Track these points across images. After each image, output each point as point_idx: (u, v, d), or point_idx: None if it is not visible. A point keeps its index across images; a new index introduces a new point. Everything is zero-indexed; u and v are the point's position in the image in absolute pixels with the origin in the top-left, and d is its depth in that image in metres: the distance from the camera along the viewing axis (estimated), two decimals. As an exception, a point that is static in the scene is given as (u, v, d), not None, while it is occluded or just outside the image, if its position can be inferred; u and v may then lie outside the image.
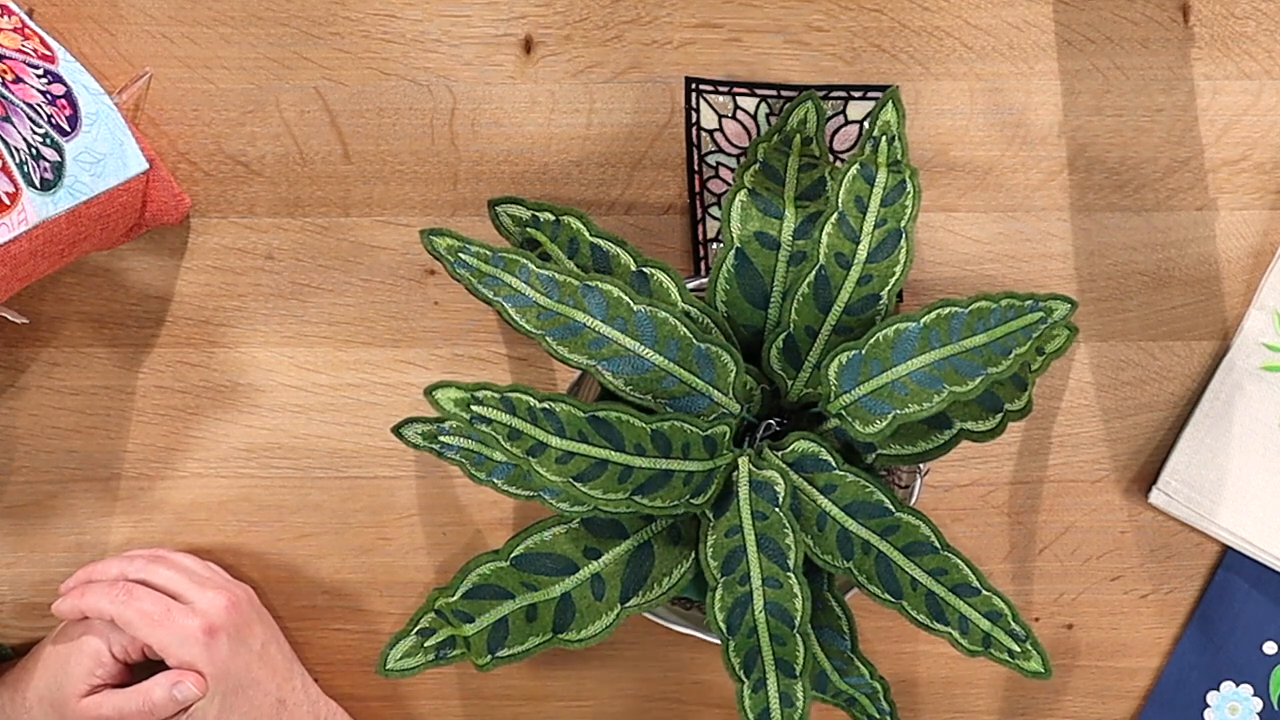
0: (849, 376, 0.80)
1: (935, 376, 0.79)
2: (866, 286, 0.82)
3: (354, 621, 0.95)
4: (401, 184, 0.92)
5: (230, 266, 0.92)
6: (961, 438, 0.82)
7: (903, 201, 0.83)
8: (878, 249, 0.82)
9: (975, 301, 0.80)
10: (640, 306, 0.80)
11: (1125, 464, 0.94)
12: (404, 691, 0.96)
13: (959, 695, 0.96)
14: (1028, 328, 0.79)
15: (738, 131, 0.90)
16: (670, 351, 0.80)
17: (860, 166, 0.83)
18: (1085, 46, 0.91)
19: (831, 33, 0.90)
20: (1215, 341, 0.93)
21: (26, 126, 0.79)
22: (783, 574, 0.80)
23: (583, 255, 0.83)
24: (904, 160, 0.83)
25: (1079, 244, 0.92)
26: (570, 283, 0.80)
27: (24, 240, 0.78)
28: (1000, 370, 0.78)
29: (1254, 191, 0.92)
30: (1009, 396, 0.83)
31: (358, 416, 0.93)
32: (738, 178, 0.84)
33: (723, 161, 0.90)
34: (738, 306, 0.83)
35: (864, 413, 0.80)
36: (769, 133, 0.84)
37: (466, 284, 0.80)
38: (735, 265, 0.83)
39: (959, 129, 0.91)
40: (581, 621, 0.82)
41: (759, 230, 0.83)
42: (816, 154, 0.84)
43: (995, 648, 0.81)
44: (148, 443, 0.93)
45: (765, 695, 0.80)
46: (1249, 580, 0.94)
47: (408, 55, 0.90)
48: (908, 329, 0.80)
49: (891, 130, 0.83)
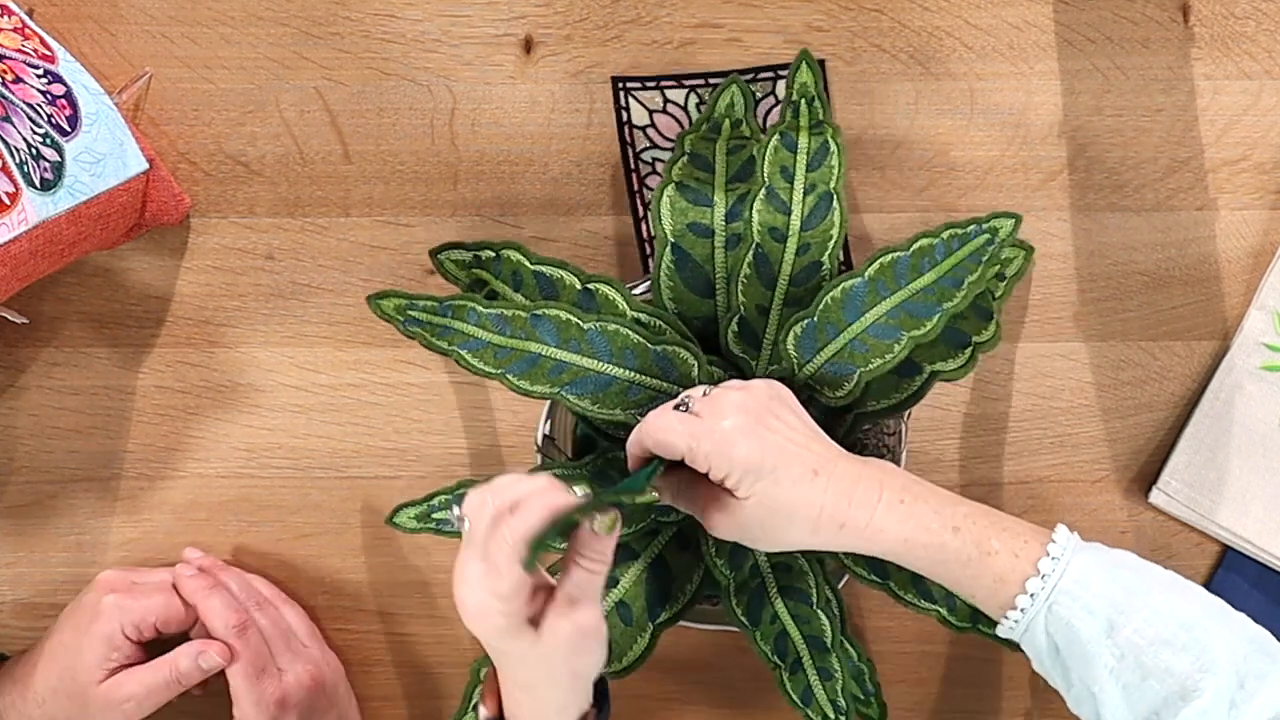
0: (807, 346, 0.79)
1: (891, 326, 0.78)
2: (806, 255, 0.81)
3: (354, 621, 0.95)
4: (401, 184, 0.92)
5: (230, 266, 0.92)
6: (934, 380, 0.81)
7: (828, 163, 0.82)
8: (810, 216, 0.81)
9: (915, 241, 0.79)
10: (590, 324, 0.79)
11: (1125, 464, 0.94)
12: (404, 691, 0.96)
13: (959, 696, 0.96)
14: (975, 253, 0.78)
15: (669, 124, 0.88)
16: (628, 361, 0.79)
17: (780, 135, 0.82)
18: (1085, 46, 0.91)
19: (831, 33, 0.90)
20: (1215, 341, 0.93)
21: (26, 126, 0.79)
22: (788, 556, 0.80)
23: (528, 285, 0.83)
24: (826, 119, 0.82)
25: (1079, 244, 0.92)
26: (519, 315, 0.79)
27: (24, 240, 0.78)
28: (956, 303, 0.77)
29: (1254, 191, 0.92)
30: (975, 329, 0.81)
31: (358, 416, 0.93)
32: (665, 173, 0.83)
33: (658, 156, 0.89)
34: (685, 300, 0.83)
35: (830, 378, 0.79)
36: (697, 123, 0.84)
37: (421, 340, 0.80)
38: (674, 261, 0.82)
39: (959, 129, 0.91)
40: (619, 650, 0.82)
41: (692, 222, 0.82)
42: (747, 134, 0.83)
43: (983, 622, 0.81)
44: (148, 443, 0.93)
45: (804, 676, 0.81)
46: (1249, 580, 0.94)
47: (408, 55, 0.90)
48: (854, 285, 0.79)
49: (810, 91, 0.82)
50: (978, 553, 0.72)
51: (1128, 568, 0.73)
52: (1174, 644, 0.70)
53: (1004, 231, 0.78)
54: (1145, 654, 0.70)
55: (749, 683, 0.96)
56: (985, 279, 0.78)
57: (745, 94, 0.83)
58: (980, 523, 0.73)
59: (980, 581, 0.73)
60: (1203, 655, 0.69)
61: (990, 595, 0.73)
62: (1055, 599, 0.71)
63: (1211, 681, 0.68)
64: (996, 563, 0.72)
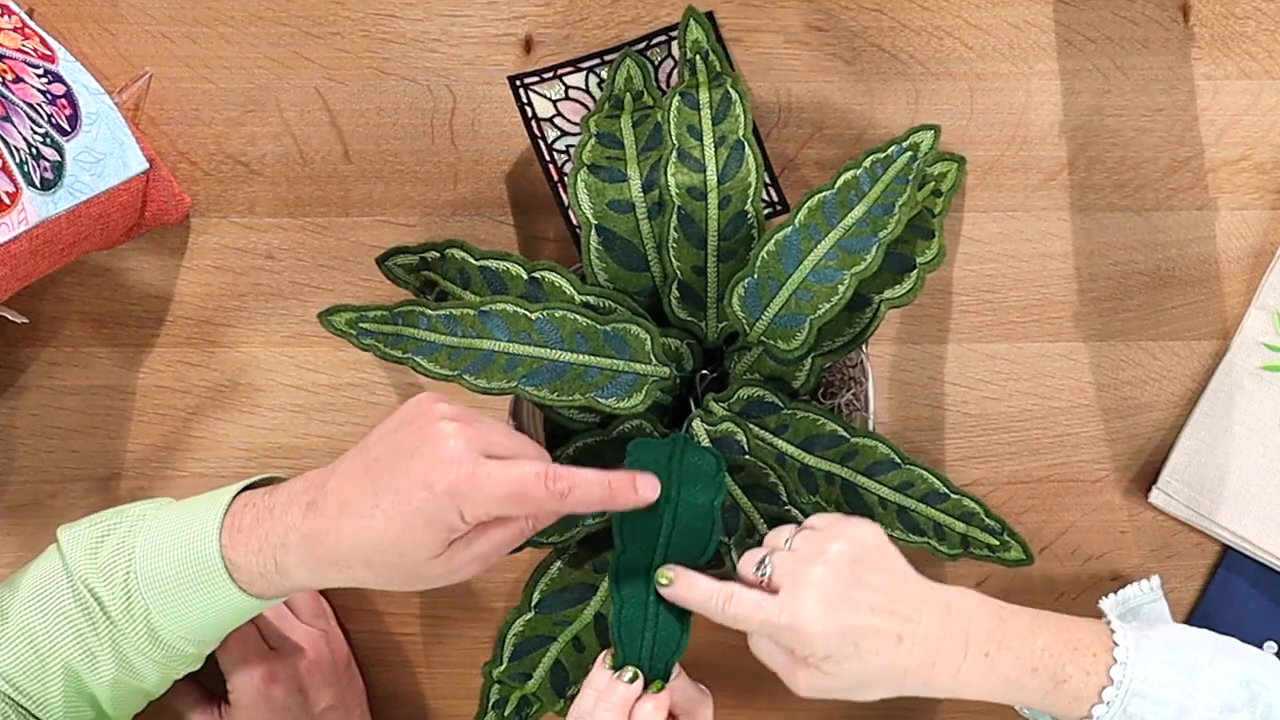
0: (753, 304, 0.80)
1: (831, 269, 0.78)
2: (729, 208, 0.81)
3: (353, 621, 0.95)
4: (401, 184, 0.92)
5: (230, 266, 0.92)
6: (884, 308, 0.82)
7: (733, 113, 0.82)
8: (725, 168, 0.81)
9: (839, 177, 0.79)
10: (537, 314, 0.79)
11: (1125, 464, 0.94)
12: (404, 691, 0.96)
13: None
14: (901, 174, 0.79)
15: (575, 109, 0.87)
16: (580, 346, 0.79)
17: (681, 95, 0.82)
18: (1085, 46, 0.91)
19: (831, 33, 0.90)
20: (1215, 341, 0.93)
21: (26, 126, 0.79)
22: (781, 510, 0.80)
23: (475, 282, 0.83)
24: (724, 70, 0.82)
25: (1079, 244, 0.92)
26: (467, 314, 0.79)
27: (24, 240, 0.78)
28: (890, 229, 0.78)
29: (1254, 191, 0.92)
30: (919, 251, 0.82)
31: (358, 416, 0.93)
32: (575, 158, 0.83)
33: (571, 144, 0.88)
34: (621, 278, 0.83)
35: (783, 331, 0.79)
36: (600, 103, 0.84)
37: (375, 351, 0.80)
38: (601, 242, 0.83)
39: (959, 129, 0.91)
40: None
41: (610, 200, 0.83)
42: (650, 104, 0.84)
43: (974, 546, 0.82)
44: (148, 443, 0.93)
45: None
46: (1249, 580, 0.94)
47: (408, 55, 0.90)
48: (786, 235, 0.79)
49: (703, 46, 0.82)
50: (1054, 685, 0.75)
51: (1178, 647, 0.76)
52: (1237, 706, 0.74)
53: (925, 145, 0.79)
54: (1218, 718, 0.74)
55: (749, 682, 0.96)
56: (915, 199, 0.79)
57: (641, 65, 0.84)
58: (1055, 652, 0.75)
59: (1058, 703, 0.75)
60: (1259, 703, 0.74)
61: (1067, 711, 0.75)
62: (1129, 702, 0.74)
63: None
64: (1071, 687, 0.75)
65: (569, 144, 0.87)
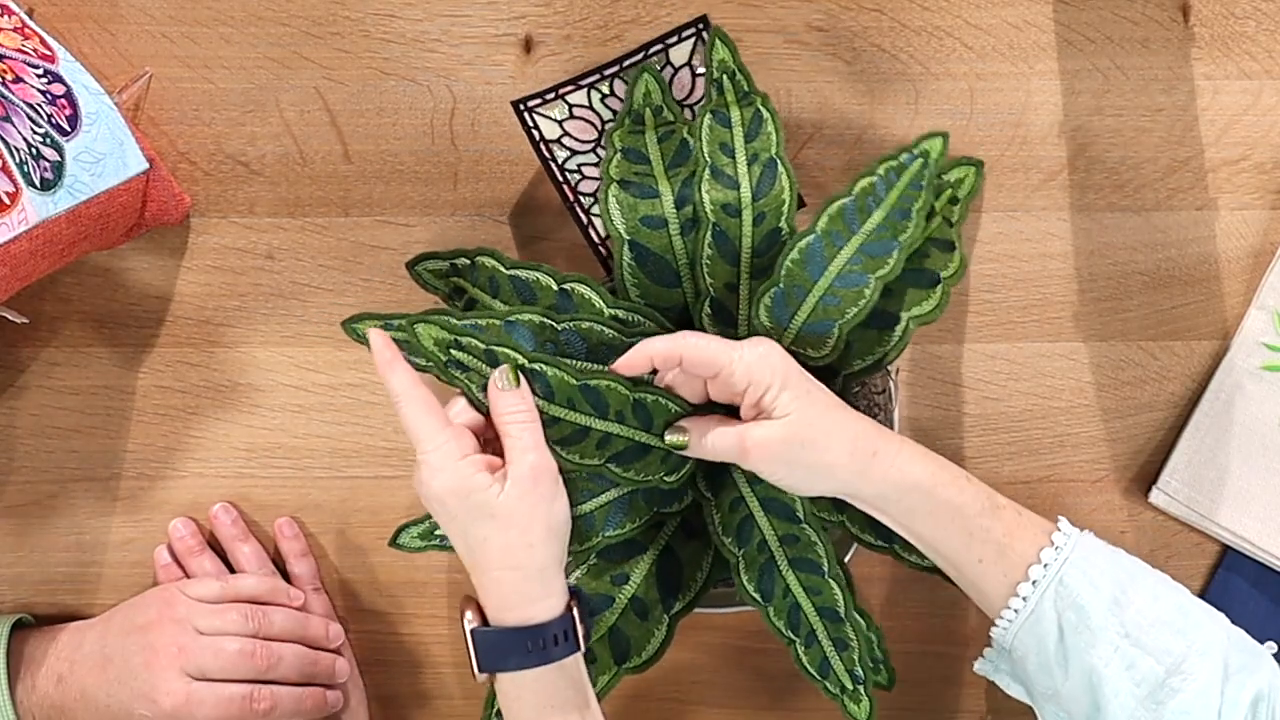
0: (780, 313, 0.80)
1: (855, 273, 0.79)
2: (763, 225, 0.82)
3: (353, 621, 0.95)
4: (401, 184, 0.92)
5: (230, 266, 0.92)
6: (913, 326, 0.82)
7: (765, 131, 0.82)
8: (759, 185, 0.82)
9: (856, 183, 0.80)
10: (564, 325, 0.79)
11: (1125, 464, 0.94)
12: (403, 691, 0.96)
13: (957, 697, 0.96)
14: (915, 180, 0.79)
15: (582, 128, 0.87)
16: (606, 359, 0.79)
17: (712, 114, 0.82)
18: (1085, 46, 0.91)
19: (831, 33, 0.90)
20: (1215, 341, 0.93)
21: (26, 126, 0.79)
22: (796, 528, 0.81)
23: (504, 291, 0.83)
24: (751, 89, 0.82)
25: (1079, 244, 0.92)
26: (494, 324, 0.79)
27: (24, 240, 0.78)
28: (910, 233, 0.79)
29: (1254, 191, 0.92)
30: (940, 265, 0.82)
31: (358, 416, 0.93)
32: (603, 173, 0.83)
33: (582, 161, 0.88)
34: (653, 294, 0.83)
35: (811, 338, 0.80)
36: (620, 118, 0.84)
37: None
38: (634, 258, 0.83)
39: (959, 129, 0.91)
40: (638, 646, 0.83)
41: (644, 216, 0.83)
42: (671, 119, 0.84)
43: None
44: (148, 443, 0.93)
45: (819, 647, 0.81)
46: (1249, 580, 0.94)
47: (408, 55, 0.90)
48: (809, 242, 0.80)
49: (729, 66, 0.83)
50: (990, 504, 0.76)
51: (1123, 553, 0.77)
52: (1172, 626, 0.73)
53: (935, 151, 0.80)
54: (1146, 633, 0.73)
55: (749, 682, 0.96)
56: (930, 202, 0.80)
57: (658, 80, 0.84)
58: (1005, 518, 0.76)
59: (991, 537, 0.75)
60: (1196, 639, 0.73)
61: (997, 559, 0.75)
62: (1065, 571, 0.74)
63: (1204, 665, 0.71)
64: (1005, 516, 0.76)
65: (580, 163, 0.87)
